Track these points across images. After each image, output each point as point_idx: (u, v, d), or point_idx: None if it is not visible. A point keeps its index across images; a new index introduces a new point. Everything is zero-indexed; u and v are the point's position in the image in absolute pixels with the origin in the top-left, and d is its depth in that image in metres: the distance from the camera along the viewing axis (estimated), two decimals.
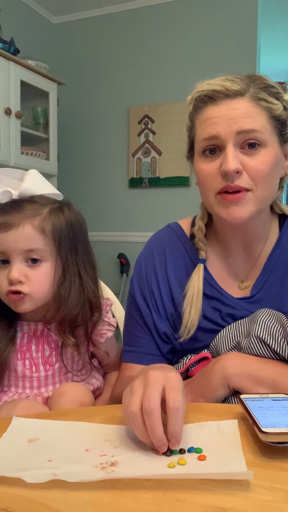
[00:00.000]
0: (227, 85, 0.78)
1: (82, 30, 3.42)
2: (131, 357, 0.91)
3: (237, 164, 0.76)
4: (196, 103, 0.82)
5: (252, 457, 0.53)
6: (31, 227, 0.82)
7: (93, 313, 0.89)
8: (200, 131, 0.81)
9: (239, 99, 0.78)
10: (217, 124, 0.78)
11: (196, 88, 0.83)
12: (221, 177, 0.78)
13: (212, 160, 0.80)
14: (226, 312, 0.87)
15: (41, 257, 0.83)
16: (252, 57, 2.92)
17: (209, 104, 0.80)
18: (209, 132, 0.79)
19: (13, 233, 0.81)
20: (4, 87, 2.49)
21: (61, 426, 0.64)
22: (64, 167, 3.21)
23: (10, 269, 0.82)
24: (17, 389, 0.89)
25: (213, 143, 0.79)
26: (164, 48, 3.17)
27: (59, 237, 0.84)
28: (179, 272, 0.91)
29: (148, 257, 0.95)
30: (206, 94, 0.80)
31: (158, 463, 0.53)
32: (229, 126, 0.77)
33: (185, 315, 0.86)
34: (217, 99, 0.79)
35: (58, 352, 0.89)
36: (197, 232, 0.92)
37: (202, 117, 0.81)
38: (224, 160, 0.77)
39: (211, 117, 0.79)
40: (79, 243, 0.88)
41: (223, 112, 0.78)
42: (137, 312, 0.92)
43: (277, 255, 0.88)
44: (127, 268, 3.25)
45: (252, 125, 0.76)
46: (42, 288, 0.84)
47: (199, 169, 0.83)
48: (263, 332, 0.76)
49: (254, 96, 0.78)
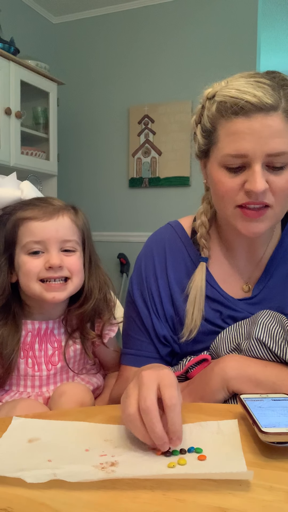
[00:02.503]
0: (260, 96, 0.71)
1: (82, 30, 3.42)
2: (130, 359, 0.91)
3: (265, 185, 0.73)
4: (221, 108, 0.75)
5: (252, 457, 0.53)
6: (69, 219, 0.87)
7: (109, 309, 0.93)
8: (226, 144, 0.75)
9: (273, 115, 0.71)
10: (248, 142, 0.72)
11: (219, 88, 0.77)
12: (243, 193, 0.75)
13: (235, 174, 0.75)
14: (227, 314, 0.86)
15: (74, 248, 0.87)
16: (252, 57, 2.91)
17: (239, 115, 0.72)
18: (238, 149, 0.73)
19: (53, 222, 0.85)
20: (4, 87, 2.49)
21: (61, 426, 0.64)
22: (64, 167, 3.21)
23: (48, 256, 0.84)
24: (18, 388, 0.89)
25: (240, 162, 0.74)
26: (164, 48, 3.16)
27: (85, 233, 0.91)
28: (179, 272, 0.90)
29: (148, 257, 0.93)
30: (234, 102, 0.72)
31: (158, 463, 0.53)
32: (260, 146, 0.71)
33: (188, 315, 0.85)
34: (248, 111, 0.71)
35: (61, 352, 0.90)
36: (200, 227, 0.90)
37: (229, 128, 0.74)
38: (252, 179, 0.73)
39: (241, 132, 0.72)
40: (91, 241, 0.93)
41: (255, 129, 0.71)
42: (136, 315, 0.91)
43: (279, 256, 0.88)
44: (127, 268, 3.25)
45: (283, 147, 0.72)
46: (81, 273, 0.88)
47: (219, 181, 0.78)
48: (263, 334, 0.75)
49: (286, 111, 0.72)
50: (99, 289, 0.91)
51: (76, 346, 0.92)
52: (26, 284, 0.84)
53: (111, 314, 0.94)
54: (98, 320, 0.93)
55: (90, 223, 0.94)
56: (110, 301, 0.95)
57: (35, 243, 0.84)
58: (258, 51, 2.98)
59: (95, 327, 0.93)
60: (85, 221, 0.92)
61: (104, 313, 0.93)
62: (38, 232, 0.83)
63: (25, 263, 0.84)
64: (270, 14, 3.33)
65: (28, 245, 0.84)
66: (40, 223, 0.84)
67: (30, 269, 0.83)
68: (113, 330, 0.94)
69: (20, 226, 0.84)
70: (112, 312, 0.95)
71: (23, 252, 0.84)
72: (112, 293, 0.96)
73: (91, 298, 0.90)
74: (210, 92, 0.79)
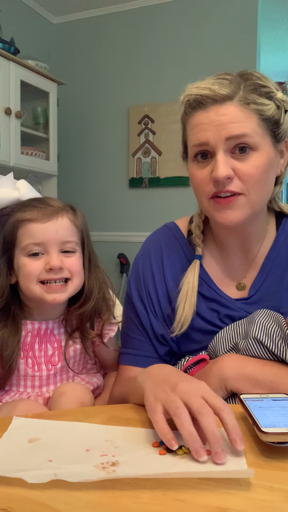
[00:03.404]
0: (215, 89, 0.77)
1: (82, 30, 3.42)
2: (128, 359, 0.91)
3: (227, 171, 0.76)
4: (186, 107, 0.82)
5: (252, 457, 0.53)
6: (68, 220, 0.87)
7: (108, 308, 0.93)
8: (191, 137, 0.81)
9: (228, 104, 0.77)
10: (206, 131, 0.77)
11: (185, 90, 0.82)
12: (212, 183, 0.79)
13: (204, 165, 0.80)
14: (224, 313, 0.87)
15: (74, 249, 0.87)
16: (252, 57, 2.91)
17: (198, 109, 0.79)
18: (199, 138, 0.79)
19: (53, 224, 0.84)
20: (4, 87, 2.49)
21: (61, 426, 0.64)
22: (64, 167, 3.21)
23: (49, 258, 0.83)
24: (18, 388, 0.89)
25: (203, 149, 0.79)
26: (164, 48, 3.16)
27: (84, 233, 0.91)
28: (175, 271, 0.91)
29: (145, 258, 0.95)
30: (194, 98, 0.79)
31: (159, 463, 0.53)
32: (218, 133, 0.76)
33: (179, 310, 0.86)
34: (205, 104, 0.78)
35: (61, 352, 0.90)
36: (194, 229, 0.92)
37: (192, 122, 0.81)
38: (215, 166, 0.77)
39: (200, 123, 0.79)
40: (90, 241, 0.93)
41: (211, 118, 0.77)
42: (134, 314, 0.92)
43: (275, 255, 0.88)
44: (127, 268, 3.25)
45: (241, 130, 0.76)
46: (81, 274, 0.88)
47: (192, 174, 0.83)
48: (261, 333, 0.76)
49: (243, 99, 0.77)
50: (98, 288, 0.92)
51: (76, 346, 0.92)
52: (26, 286, 0.84)
53: (110, 314, 0.94)
54: (98, 319, 0.93)
55: (89, 223, 0.94)
56: (109, 300, 0.95)
57: (35, 245, 0.83)
58: (258, 51, 2.98)
59: (95, 327, 0.93)
60: (84, 221, 0.92)
61: (104, 312, 0.93)
62: (37, 234, 0.83)
63: (25, 265, 0.84)
64: (270, 14, 3.33)
65: (27, 247, 0.84)
66: (39, 225, 0.83)
67: (30, 271, 0.83)
68: (113, 329, 0.95)
69: (19, 228, 0.84)
70: (112, 311, 0.95)
71: (23, 254, 0.84)
72: (111, 292, 0.96)
73: (91, 298, 0.90)
74: (182, 96, 0.84)
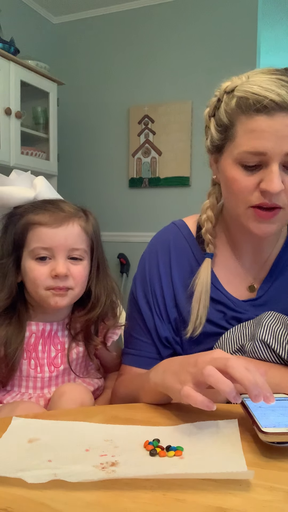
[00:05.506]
0: (284, 95, 0.69)
1: (82, 30, 3.42)
2: (131, 359, 0.91)
3: (281, 185, 0.72)
4: (242, 104, 0.73)
5: (252, 457, 0.53)
6: (79, 227, 0.86)
7: (113, 314, 0.93)
8: (245, 142, 0.73)
9: None
10: (267, 141, 0.70)
11: (239, 83, 0.74)
12: (258, 193, 0.74)
13: (251, 173, 0.74)
14: (231, 315, 0.86)
15: (82, 256, 0.87)
16: (252, 57, 2.92)
17: (260, 113, 0.71)
18: (256, 147, 0.71)
19: (63, 230, 0.84)
20: (4, 87, 2.49)
21: (61, 426, 0.64)
22: (64, 167, 3.21)
23: (55, 264, 0.83)
24: (20, 389, 0.89)
25: (257, 160, 0.73)
26: (164, 48, 3.16)
27: (94, 240, 0.89)
28: (183, 271, 0.89)
29: (152, 257, 0.92)
30: (257, 99, 0.70)
31: (158, 463, 0.53)
32: (279, 146, 0.70)
33: (193, 312, 0.84)
34: (270, 109, 0.70)
35: (64, 354, 0.90)
36: (206, 222, 0.88)
37: (249, 125, 0.72)
38: (268, 178, 0.72)
39: (261, 130, 0.71)
40: (101, 247, 0.93)
41: (275, 128, 0.70)
42: (139, 315, 0.91)
43: (286, 257, 0.88)
44: (127, 268, 3.25)
45: None
46: (84, 284, 0.88)
47: (233, 178, 0.76)
48: (268, 336, 0.75)
49: None
50: (106, 296, 0.91)
51: (79, 349, 0.91)
52: (34, 290, 0.85)
53: (116, 321, 0.94)
54: (102, 324, 0.93)
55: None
56: (116, 307, 0.94)
57: (43, 249, 0.83)
58: (258, 51, 2.98)
59: (99, 331, 0.93)
60: (95, 227, 0.91)
61: (109, 318, 0.93)
62: (46, 239, 0.83)
63: (32, 270, 0.84)
64: (270, 14, 3.33)
65: (35, 250, 0.83)
66: (49, 230, 0.83)
67: (37, 277, 0.83)
68: (116, 333, 0.94)
69: (29, 230, 0.84)
70: (117, 318, 0.94)
71: (30, 257, 0.84)
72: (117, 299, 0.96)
73: (98, 305, 0.89)
74: (229, 86, 0.76)
